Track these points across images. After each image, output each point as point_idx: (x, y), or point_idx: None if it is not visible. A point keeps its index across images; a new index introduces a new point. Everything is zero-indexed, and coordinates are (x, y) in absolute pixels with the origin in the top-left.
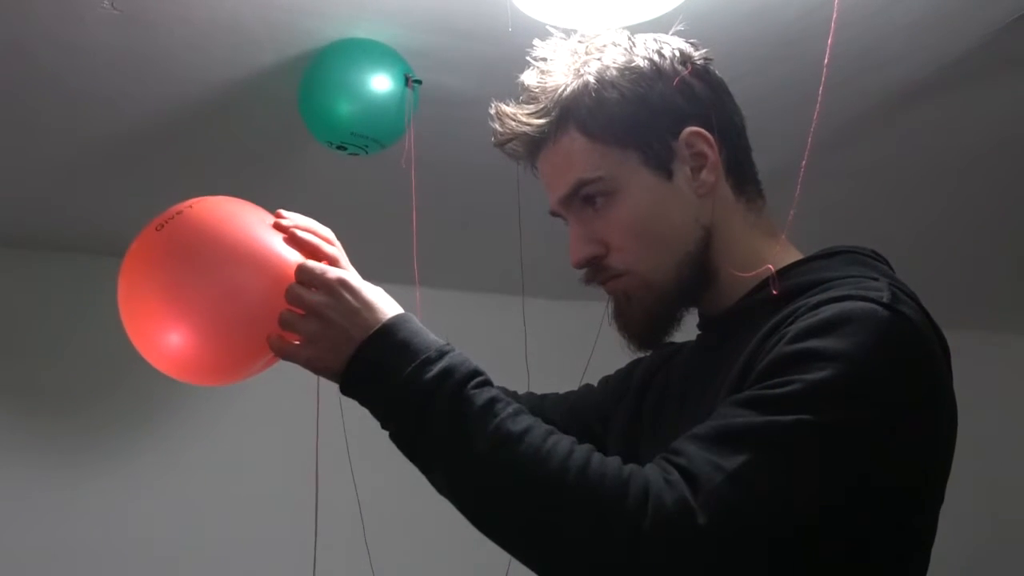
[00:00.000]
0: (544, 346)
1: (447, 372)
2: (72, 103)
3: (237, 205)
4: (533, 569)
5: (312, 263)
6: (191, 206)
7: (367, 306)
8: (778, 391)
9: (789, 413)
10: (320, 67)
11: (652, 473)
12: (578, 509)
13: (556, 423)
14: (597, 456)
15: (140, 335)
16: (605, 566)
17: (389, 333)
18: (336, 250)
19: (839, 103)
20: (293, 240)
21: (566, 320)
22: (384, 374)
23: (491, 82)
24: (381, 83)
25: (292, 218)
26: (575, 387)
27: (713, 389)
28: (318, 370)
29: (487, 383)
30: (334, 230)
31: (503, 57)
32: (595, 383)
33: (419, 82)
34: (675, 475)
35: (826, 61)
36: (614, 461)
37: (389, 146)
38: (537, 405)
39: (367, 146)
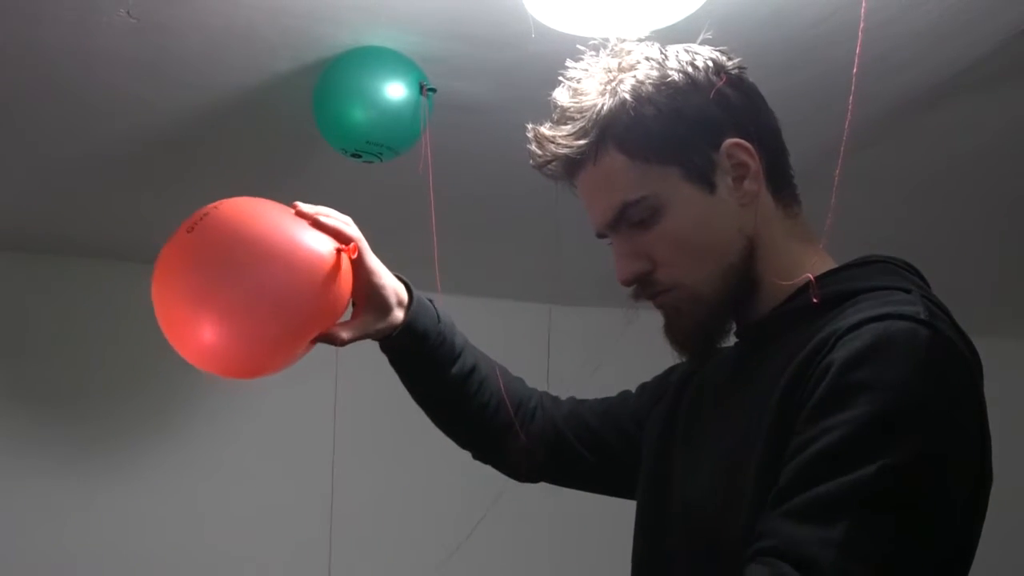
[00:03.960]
0: (563, 353)
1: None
2: (87, 109)
3: (260, 202)
4: None
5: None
6: (217, 207)
7: None
8: (844, 440)
9: (867, 463)
10: (335, 74)
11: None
12: None
13: (594, 427)
14: None
15: (178, 334)
16: None
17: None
18: (356, 231)
19: (853, 108)
20: (317, 225)
21: (583, 326)
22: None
23: (506, 88)
24: (396, 91)
25: (311, 208)
26: (594, 395)
27: (751, 398)
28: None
29: None
30: None
31: (518, 63)
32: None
33: (434, 90)
34: (787, 568)
35: (855, 70)
36: None
37: (403, 153)
38: (575, 409)
39: (381, 153)
